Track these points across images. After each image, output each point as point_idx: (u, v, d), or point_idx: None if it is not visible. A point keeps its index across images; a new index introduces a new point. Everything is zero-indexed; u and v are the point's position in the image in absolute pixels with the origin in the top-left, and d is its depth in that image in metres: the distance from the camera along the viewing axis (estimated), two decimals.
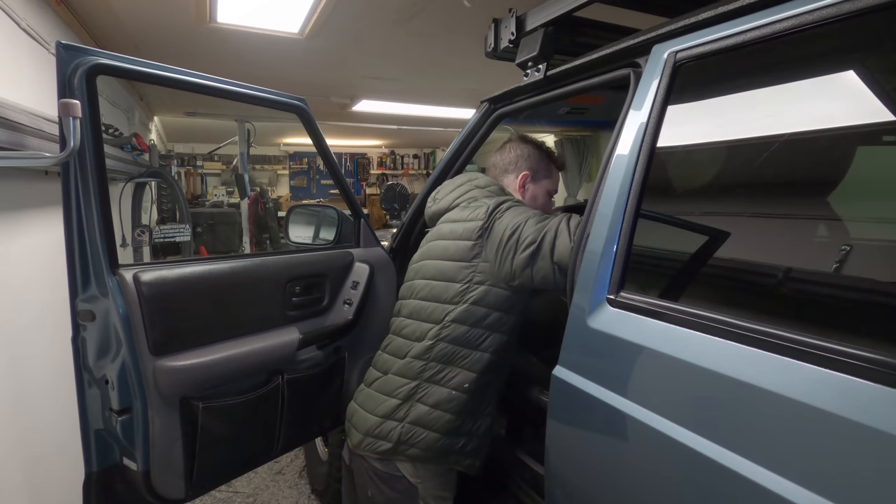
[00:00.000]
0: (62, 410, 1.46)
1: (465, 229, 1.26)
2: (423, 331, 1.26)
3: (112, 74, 1.15)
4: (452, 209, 1.35)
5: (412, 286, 1.34)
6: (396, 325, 1.36)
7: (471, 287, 1.23)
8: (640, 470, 0.84)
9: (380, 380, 1.30)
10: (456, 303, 1.23)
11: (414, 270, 1.38)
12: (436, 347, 1.24)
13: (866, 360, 0.58)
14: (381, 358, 1.36)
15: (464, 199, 1.35)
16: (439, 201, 1.40)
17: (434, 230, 1.39)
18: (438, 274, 1.28)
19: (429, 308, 1.27)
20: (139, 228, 3.06)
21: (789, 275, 0.94)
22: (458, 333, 1.23)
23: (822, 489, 0.58)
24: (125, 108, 3.60)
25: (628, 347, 0.87)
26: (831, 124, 0.92)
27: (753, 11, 0.82)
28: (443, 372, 1.24)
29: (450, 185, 1.42)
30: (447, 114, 5.23)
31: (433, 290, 1.27)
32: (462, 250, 1.25)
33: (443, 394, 1.23)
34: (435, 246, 1.32)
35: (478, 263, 1.23)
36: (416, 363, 1.25)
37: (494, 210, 1.24)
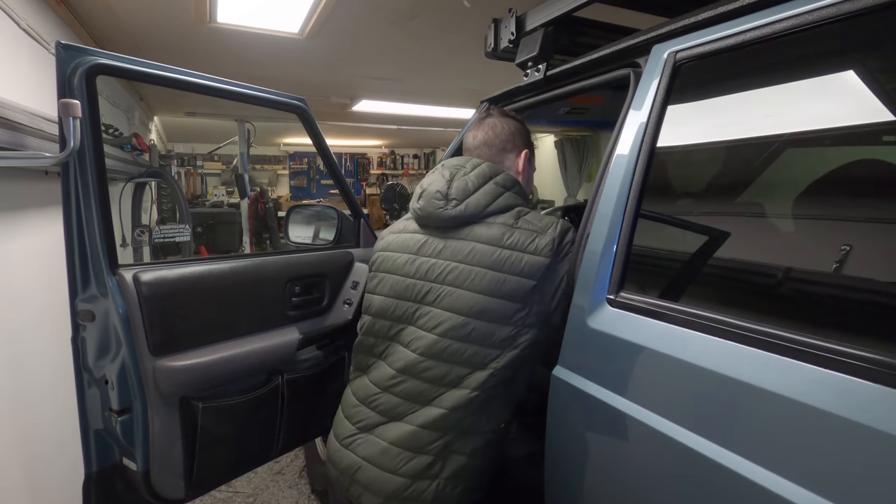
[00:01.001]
0: (62, 409, 1.46)
1: (527, 264, 1.02)
2: (456, 376, 1.03)
3: (112, 74, 1.15)
4: (482, 221, 1.08)
5: (429, 315, 1.06)
6: (406, 362, 1.08)
7: (522, 331, 1.03)
8: (639, 470, 0.84)
9: (400, 432, 1.05)
10: (504, 348, 1.03)
11: (416, 291, 1.09)
12: (479, 398, 1.03)
13: (866, 361, 0.58)
14: (385, 399, 1.10)
15: (497, 207, 1.09)
16: (459, 203, 1.08)
17: (449, 243, 1.09)
18: (482, 312, 1.02)
19: (468, 352, 1.03)
20: (139, 228, 3.06)
21: (789, 275, 0.94)
22: (503, 380, 1.04)
23: (822, 489, 0.58)
24: (125, 108, 3.60)
25: (628, 347, 0.87)
26: (831, 124, 0.92)
27: (753, 11, 0.82)
28: (482, 419, 1.06)
29: (464, 181, 1.10)
30: (447, 114, 5.23)
31: (476, 330, 1.02)
32: (522, 290, 1.02)
33: (480, 441, 1.07)
34: (468, 272, 1.05)
35: (533, 306, 1.03)
36: (453, 416, 1.03)
37: (560, 246, 1.05)
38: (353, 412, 1.15)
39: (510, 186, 1.13)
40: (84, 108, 1.05)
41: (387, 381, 1.10)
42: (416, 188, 1.18)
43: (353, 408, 1.15)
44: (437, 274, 1.08)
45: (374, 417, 1.11)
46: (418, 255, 1.12)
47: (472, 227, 1.08)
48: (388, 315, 1.13)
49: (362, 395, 1.14)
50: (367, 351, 1.18)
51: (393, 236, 1.21)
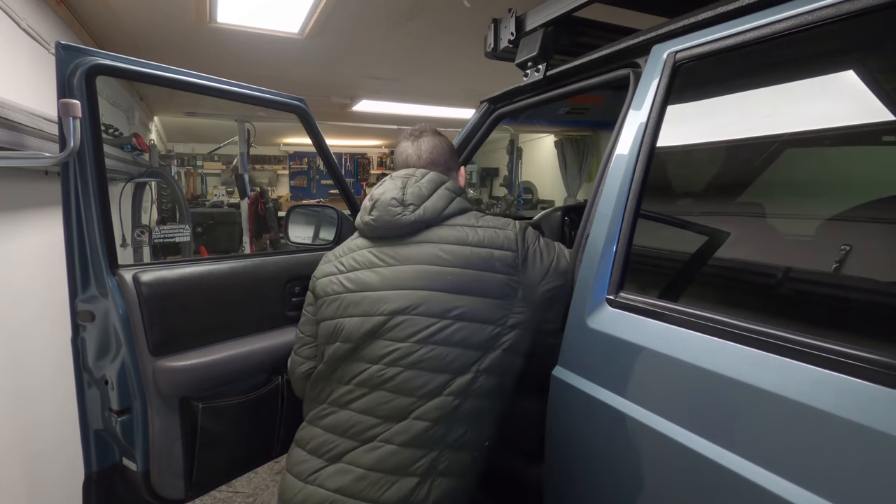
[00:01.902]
0: (62, 408, 1.46)
1: (498, 260, 1.01)
2: (437, 385, 0.98)
3: (112, 75, 1.15)
4: (441, 224, 1.07)
5: (403, 324, 1.00)
6: (371, 375, 1.00)
7: (503, 331, 1.00)
8: (639, 470, 0.84)
9: (378, 455, 0.97)
10: (486, 349, 0.99)
11: (386, 301, 1.02)
12: (463, 406, 0.98)
13: (866, 361, 0.58)
14: (355, 420, 1.00)
15: (453, 210, 1.08)
16: (417, 208, 1.06)
17: (412, 249, 1.05)
18: (463, 313, 0.99)
19: (449, 356, 0.98)
20: (139, 228, 3.06)
21: (789, 275, 0.94)
22: (488, 387, 1.00)
23: (822, 489, 0.58)
24: (125, 108, 3.60)
25: (628, 348, 0.87)
26: (831, 124, 0.92)
27: (753, 11, 0.82)
28: (467, 433, 1.00)
29: (417, 188, 1.08)
30: (447, 114, 5.24)
31: (458, 332, 0.99)
32: (499, 286, 1.01)
33: (467, 460, 1.01)
34: (442, 274, 1.01)
35: (513, 304, 1.01)
36: (438, 429, 0.97)
37: (524, 240, 1.05)
38: (315, 444, 1.03)
39: (459, 192, 1.13)
40: (84, 108, 1.05)
41: (354, 400, 1.01)
42: (365, 202, 1.12)
43: (314, 440, 1.04)
44: (407, 279, 1.02)
45: (343, 444, 1.00)
46: (381, 266, 1.05)
47: (433, 230, 1.06)
48: (354, 336, 1.02)
49: (328, 424, 1.03)
50: (326, 379, 1.07)
51: (343, 258, 1.12)
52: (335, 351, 1.05)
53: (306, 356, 1.17)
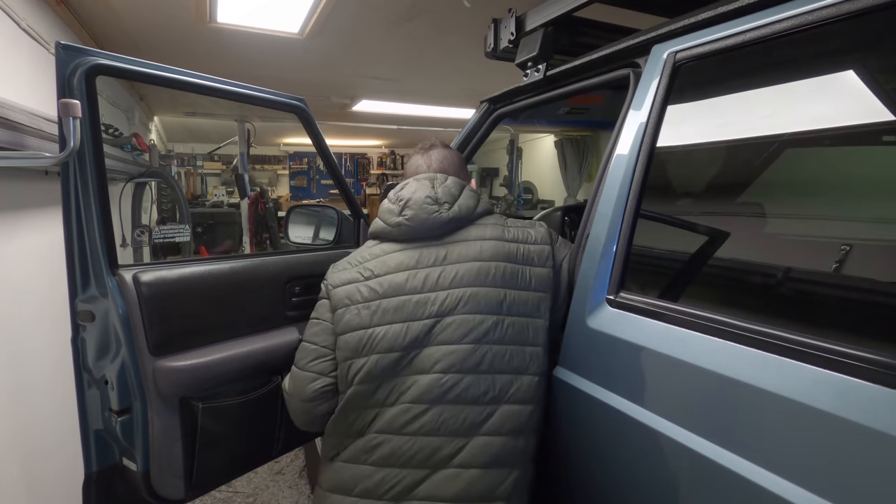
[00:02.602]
0: (62, 408, 1.46)
1: (535, 254, 1.02)
2: (501, 387, 0.90)
3: (111, 75, 1.15)
4: (474, 223, 1.04)
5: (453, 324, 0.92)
6: (427, 387, 0.89)
7: (547, 324, 0.99)
8: (639, 470, 0.84)
9: (461, 482, 0.86)
10: (539, 345, 0.96)
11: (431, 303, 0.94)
12: (535, 413, 0.93)
13: (866, 361, 0.58)
14: (421, 446, 0.88)
15: (482, 209, 1.08)
16: (452, 206, 1.02)
17: (451, 248, 1.00)
18: (511, 306, 0.95)
19: (507, 354, 0.92)
20: (139, 228, 3.06)
21: (789, 275, 0.94)
22: (544, 388, 0.96)
23: (822, 489, 0.58)
24: (125, 108, 3.60)
25: (628, 348, 0.87)
26: (831, 124, 0.92)
27: (753, 11, 0.82)
28: (534, 439, 0.95)
29: (447, 187, 1.06)
30: (447, 114, 5.24)
31: (511, 328, 0.94)
32: (540, 278, 1.00)
33: (533, 469, 0.97)
34: (486, 269, 0.96)
35: (550, 297, 1.01)
36: (517, 442, 0.89)
37: (551, 235, 1.09)
38: (369, 486, 0.90)
39: (480, 195, 1.13)
40: (84, 108, 1.05)
41: (411, 421, 0.89)
42: (388, 205, 1.06)
43: (365, 481, 0.90)
44: (452, 279, 0.96)
45: (408, 476, 0.87)
46: (419, 268, 0.98)
47: (467, 229, 1.03)
48: (398, 345, 0.92)
49: (382, 457, 0.90)
50: (363, 404, 0.94)
51: (368, 263, 1.03)
52: (373, 366, 0.92)
53: (320, 371, 1.01)
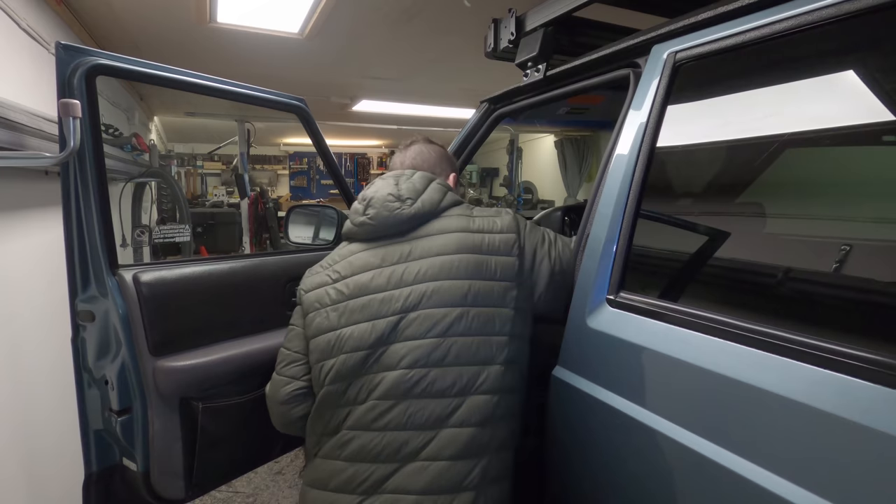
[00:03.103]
0: (62, 408, 1.46)
1: (501, 243, 1.00)
2: (468, 379, 0.91)
3: (112, 75, 1.15)
4: (439, 216, 1.04)
5: (418, 319, 0.93)
6: (394, 383, 0.91)
7: (516, 315, 0.98)
8: (639, 470, 0.84)
9: (429, 474, 0.88)
10: (506, 334, 0.95)
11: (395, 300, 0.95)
12: (501, 403, 0.93)
13: (866, 361, 0.58)
14: (389, 440, 0.90)
15: (448, 202, 1.06)
16: (415, 202, 1.02)
17: (415, 244, 1.01)
18: (476, 296, 0.95)
19: (473, 345, 0.93)
20: (139, 228, 3.06)
21: (789, 275, 0.94)
22: (513, 379, 0.96)
23: (822, 489, 0.58)
24: (125, 108, 3.60)
25: (628, 348, 0.87)
26: (831, 124, 0.92)
27: (753, 11, 0.82)
28: (507, 429, 0.95)
29: (411, 183, 1.06)
30: (447, 114, 5.24)
31: (476, 319, 0.94)
32: (505, 268, 0.99)
33: (508, 459, 0.96)
34: (450, 262, 0.97)
35: (518, 286, 0.99)
36: (485, 432, 0.90)
37: (518, 223, 1.05)
38: (342, 480, 0.92)
39: (449, 188, 1.11)
40: (84, 108, 1.05)
41: (380, 417, 0.91)
42: (355, 205, 1.08)
43: (338, 475, 0.92)
44: (415, 275, 0.96)
45: (378, 470, 0.90)
46: (383, 267, 0.99)
47: (432, 223, 1.03)
48: (364, 344, 0.94)
49: (353, 452, 0.92)
50: (336, 403, 0.96)
51: (336, 265, 1.05)
52: (341, 366, 0.95)
53: (292, 375, 1.05)
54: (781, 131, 0.98)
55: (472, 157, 1.68)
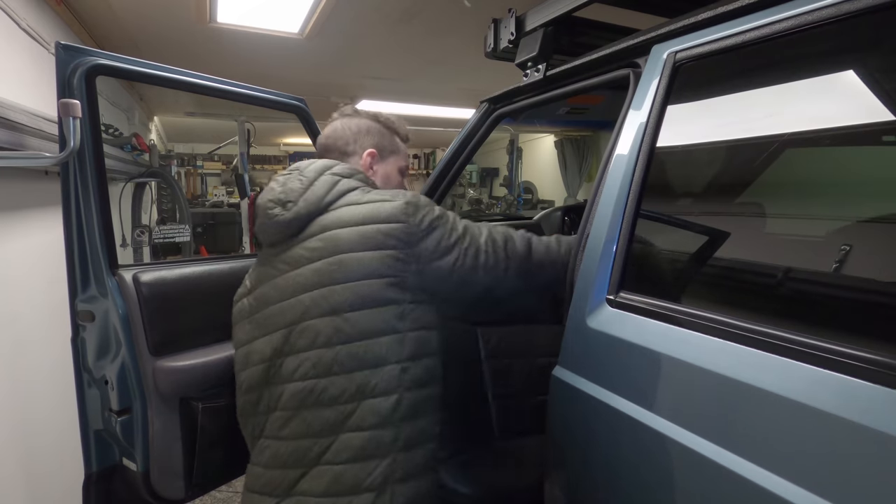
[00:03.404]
0: (62, 408, 1.46)
1: (383, 233, 0.92)
2: (358, 385, 0.90)
3: (111, 75, 1.15)
4: (326, 212, 0.98)
5: (305, 332, 0.93)
6: (291, 394, 0.93)
7: (407, 310, 0.93)
8: (639, 471, 0.84)
9: (327, 479, 0.90)
10: (398, 333, 0.92)
11: (285, 312, 0.96)
12: (403, 402, 0.91)
13: (866, 361, 0.58)
14: (293, 448, 0.93)
15: (337, 192, 0.99)
16: (294, 204, 0.97)
17: (300, 248, 0.97)
18: (356, 300, 0.91)
19: (360, 350, 0.90)
20: (139, 228, 3.06)
21: (789, 275, 0.94)
22: (419, 374, 0.94)
23: (822, 490, 0.58)
24: (125, 108, 3.60)
25: (628, 348, 0.87)
26: (831, 124, 0.92)
27: (753, 11, 0.82)
28: (416, 429, 0.94)
29: (296, 181, 1.00)
30: (447, 114, 5.24)
31: (360, 322, 0.91)
32: (388, 262, 0.92)
33: (424, 455, 0.96)
34: (328, 266, 0.93)
35: (408, 279, 0.93)
36: (381, 434, 0.90)
37: (417, 207, 0.95)
38: (263, 484, 0.96)
39: (350, 174, 1.02)
40: (84, 108, 1.05)
41: (284, 426, 0.94)
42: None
43: (260, 479, 0.97)
44: (296, 285, 0.95)
45: (288, 475, 0.93)
46: (277, 276, 0.98)
47: (316, 221, 0.97)
48: (265, 357, 0.97)
49: (269, 459, 0.96)
50: (253, 412, 1.01)
51: (250, 275, 1.08)
52: (249, 378, 0.99)
53: None
54: (781, 131, 0.98)
55: (472, 158, 1.68)
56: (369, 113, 1.15)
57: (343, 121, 1.13)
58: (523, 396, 1.35)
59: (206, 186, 7.87)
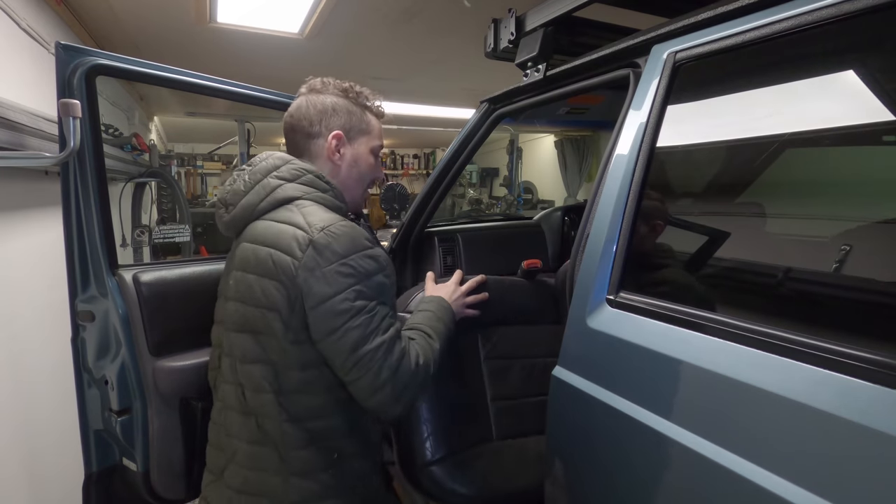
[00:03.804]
0: (62, 408, 1.46)
1: (275, 261, 0.87)
2: (254, 406, 0.93)
3: (111, 75, 1.15)
4: (258, 220, 0.94)
5: (225, 340, 0.97)
6: (225, 390, 0.98)
7: (290, 348, 0.89)
8: (639, 471, 0.84)
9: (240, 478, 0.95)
10: (278, 366, 0.91)
11: (219, 313, 1.02)
12: (278, 427, 0.92)
13: (866, 361, 0.58)
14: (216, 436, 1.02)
15: (271, 202, 0.94)
16: (234, 207, 0.96)
17: (233, 253, 0.98)
18: (248, 322, 0.91)
19: (249, 372, 0.91)
20: (139, 229, 3.06)
21: (789, 275, 0.94)
22: (307, 405, 0.93)
23: (822, 490, 0.58)
24: (125, 108, 3.60)
25: (628, 348, 0.87)
26: (831, 124, 0.92)
27: (753, 11, 0.82)
28: (301, 462, 0.95)
29: (240, 182, 0.97)
30: (447, 114, 5.24)
31: (251, 346, 0.91)
32: (273, 294, 0.88)
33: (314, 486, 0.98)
34: (233, 281, 0.94)
35: (292, 318, 0.87)
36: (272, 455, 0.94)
37: (318, 246, 0.85)
38: (209, 456, 1.02)
39: (295, 177, 0.95)
40: (84, 108, 1.05)
41: (218, 412, 1.00)
42: None
43: (209, 451, 1.03)
44: (231, 290, 0.95)
45: (219, 459, 0.97)
46: (229, 273, 0.99)
47: (249, 227, 0.95)
48: (216, 342, 1.02)
49: (211, 435, 1.03)
50: (214, 383, 1.06)
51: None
52: (211, 353, 1.06)
53: None
54: (781, 131, 0.98)
55: (472, 158, 1.68)
56: (339, 85, 1.04)
57: (309, 97, 1.02)
58: (523, 397, 1.35)
59: (206, 186, 7.87)
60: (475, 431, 1.29)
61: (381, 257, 0.91)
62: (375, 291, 0.88)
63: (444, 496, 1.21)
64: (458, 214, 6.26)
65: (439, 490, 1.20)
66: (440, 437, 1.23)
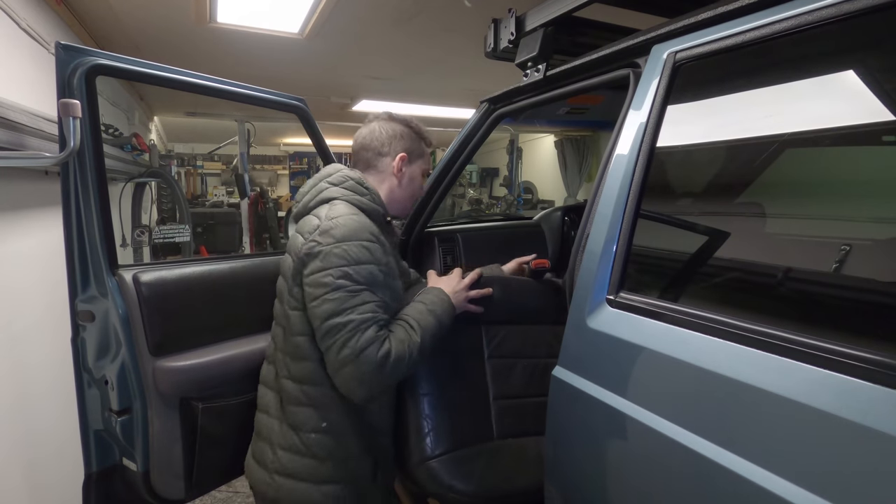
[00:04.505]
0: (62, 408, 1.46)
1: (286, 263, 1.11)
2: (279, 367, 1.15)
3: (111, 75, 1.15)
4: (308, 212, 1.14)
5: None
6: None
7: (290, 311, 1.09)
8: (639, 470, 0.84)
9: None
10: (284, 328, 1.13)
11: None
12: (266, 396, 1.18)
13: (866, 361, 0.58)
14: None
15: (317, 201, 1.13)
16: (300, 202, 1.18)
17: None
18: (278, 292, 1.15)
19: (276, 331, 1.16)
20: (139, 228, 3.06)
21: (789, 275, 0.94)
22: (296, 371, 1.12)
23: (822, 490, 0.58)
24: (125, 108, 3.60)
25: (628, 348, 0.87)
26: (831, 124, 0.92)
27: (753, 11, 0.82)
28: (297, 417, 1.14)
29: (308, 185, 1.20)
30: (447, 114, 5.23)
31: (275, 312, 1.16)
32: (283, 291, 1.11)
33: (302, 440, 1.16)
34: (284, 258, 1.15)
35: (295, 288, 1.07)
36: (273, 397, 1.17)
37: (316, 254, 1.01)
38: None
39: (340, 182, 1.14)
40: (84, 108, 1.05)
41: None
42: None
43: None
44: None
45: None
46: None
47: (300, 221, 1.15)
48: None
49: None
50: None
51: None
52: None
53: None
54: (781, 131, 0.98)
55: (472, 158, 1.68)
56: (402, 118, 1.26)
57: (380, 123, 1.23)
58: (525, 396, 1.35)
59: (206, 186, 7.87)
60: (476, 429, 1.29)
61: (376, 251, 1.05)
62: (363, 278, 1.01)
63: (442, 492, 1.21)
64: (458, 214, 6.26)
65: (438, 486, 1.20)
66: (441, 433, 1.22)
